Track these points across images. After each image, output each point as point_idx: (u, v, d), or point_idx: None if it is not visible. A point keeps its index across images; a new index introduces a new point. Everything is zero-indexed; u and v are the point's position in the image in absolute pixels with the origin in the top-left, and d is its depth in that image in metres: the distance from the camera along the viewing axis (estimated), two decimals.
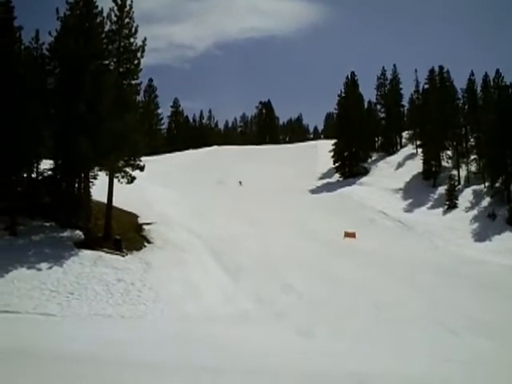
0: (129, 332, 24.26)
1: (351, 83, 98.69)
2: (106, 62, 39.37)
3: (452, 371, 18.49)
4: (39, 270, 31.42)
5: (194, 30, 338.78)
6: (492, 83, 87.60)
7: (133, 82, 40.69)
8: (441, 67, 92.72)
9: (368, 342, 24.61)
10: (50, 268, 31.85)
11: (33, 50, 41.00)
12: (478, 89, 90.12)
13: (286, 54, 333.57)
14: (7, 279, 29.64)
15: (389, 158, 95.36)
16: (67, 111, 35.93)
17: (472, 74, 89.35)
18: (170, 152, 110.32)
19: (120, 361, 15.74)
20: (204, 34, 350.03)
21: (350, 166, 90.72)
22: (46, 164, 42.21)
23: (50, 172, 41.73)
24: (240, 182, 74.44)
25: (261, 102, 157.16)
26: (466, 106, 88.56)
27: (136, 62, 39.99)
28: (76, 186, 42.25)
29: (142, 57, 40.14)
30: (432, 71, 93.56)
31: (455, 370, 18.78)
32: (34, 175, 42.52)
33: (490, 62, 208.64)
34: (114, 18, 39.60)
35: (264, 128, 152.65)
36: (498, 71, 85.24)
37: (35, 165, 42.43)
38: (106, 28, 39.37)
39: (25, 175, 41.70)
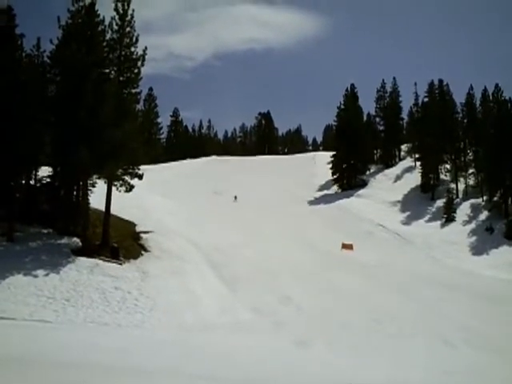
0: (125, 340, 24.18)
1: (351, 95, 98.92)
2: (107, 70, 39.40)
3: (449, 383, 18.44)
4: (36, 276, 31.32)
5: (193, 41, 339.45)
6: (491, 97, 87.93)
7: (133, 90, 40.77)
8: (440, 81, 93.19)
9: (366, 353, 24.57)
10: (47, 275, 31.76)
11: (34, 57, 41.14)
12: (477, 103, 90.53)
13: (285, 66, 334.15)
14: (3, 285, 29.55)
15: (387, 171, 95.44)
16: (67, 119, 35.93)
17: (471, 88, 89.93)
18: (169, 161, 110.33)
19: (116, 368, 15.66)
20: (203, 44, 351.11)
21: (349, 178, 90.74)
22: (45, 171, 42.23)
23: (48, 179, 41.75)
24: (235, 197, 73.17)
25: (260, 113, 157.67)
26: (465, 120, 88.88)
27: (136, 70, 40.10)
28: (74, 193, 42.21)
29: (143, 66, 40.27)
30: (431, 85, 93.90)
31: (452, 382, 18.73)
32: (32, 182, 42.54)
33: (490, 76, 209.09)
34: (116, 27, 39.74)
35: (263, 139, 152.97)
36: (497, 85, 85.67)
37: (34, 171, 42.47)
38: (108, 37, 39.45)
39: (23, 182, 41.69)
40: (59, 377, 13.43)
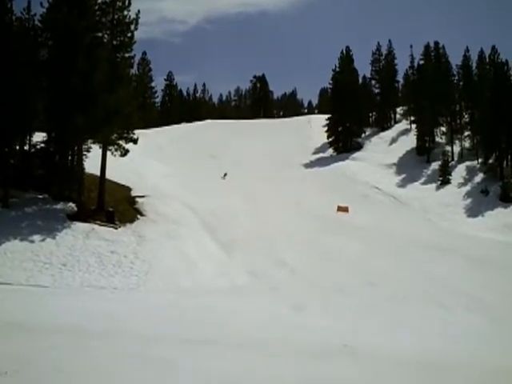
0: (121, 303, 24.31)
1: (346, 58, 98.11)
2: (100, 34, 38.96)
3: (443, 345, 18.62)
4: (32, 241, 31.40)
5: (185, 4, 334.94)
6: (488, 60, 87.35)
7: (126, 55, 40.39)
8: (436, 43, 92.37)
9: (361, 316, 24.76)
10: (43, 240, 31.84)
11: (25, 20, 40.47)
12: (474, 65, 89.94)
13: (279, 28, 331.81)
14: (0, 251, 29.63)
15: (383, 134, 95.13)
16: (60, 84, 35.63)
17: (467, 50, 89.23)
18: (163, 125, 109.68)
19: (112, 332, 15.77)
20: (194, 8, 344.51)
21: (344, 140, 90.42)
22: (39, 136, 41.98)
23: (42, 144, 41.49)
24: (225, 175, 66.16)
25: (255, 76, 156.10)
26: (461, 83, 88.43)
27: (129, 34, 39.65)
28: (69, 158, 42.07)
29: (136, 29, 39.84)
30: (427, 47, 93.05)
31: (446, 345, 18.91)
32: (27, 148, 42.30)
33: (487, 38, 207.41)
34: None
35: (258, 102, 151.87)
36: (493, 47, 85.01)
37: (28, 137, 42.21)
38: (100, 0, 38.93)
39: (18, 147, 41.47)
40: (56, 341, 13.51)
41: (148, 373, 10.97)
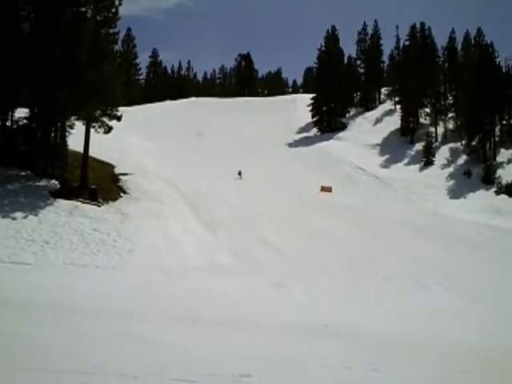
0: (104, 281, 24.30)
1: (331, 37, 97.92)
2: (83, 9, 38.42)
3: (423, 325, 18.82)
4: (14, 218, 31.19)
5: None
6: (473, 42, 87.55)
7: (110, 30, 39.93)
8: (422, 24, 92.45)
9: (343, 296, 24.97)
10: (25, 217, 31.64)
11: None
12: (459, 47, 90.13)
13: (263, 6, 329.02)
14: None
15: (367, 114, 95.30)
16: (43, 59, 35.19)
17: (453, 31, 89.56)
18: (148, 103, 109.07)
19: (93, 310, 15.77)
20: None
21: (329, 120, 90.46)
22: (22, 112, 41.54)
23: (25, 121, 41.07)
24: (240, 173, 56.44)
25: (240, 54, 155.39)
26: (446, 64, 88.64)
27: (114, 10, 39.13)
28: (52, 135, 41.70)
29: (120, 5, 39.27)
30: (413, 28, 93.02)
31: (424, 324, 19.11)
32: (9, 123, 41.86)
33: (472, 20, 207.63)
34: None
35: (243, 80, 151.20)
36: (479, 29, 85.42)
37: (10, 113, 41.75)
38: None
39: None
40: (37, 318, 13.50)
41: (127, 350, 10.99)
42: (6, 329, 11.77)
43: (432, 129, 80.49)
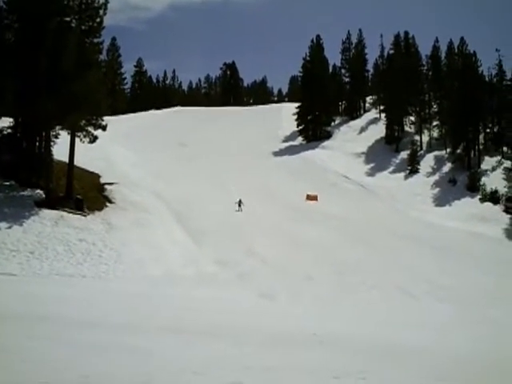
0: (90, 292, 24.16)
1: (316, 46, 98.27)
2: (68, 19, 38.34)
3: (408, 333, 18.84)
4: None
5: None
6: (456, 50, 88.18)
7: (95, 40, 39.92)
8: (406, 33, 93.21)
9: (329, 304, 24.97)
10: (10, 227, 31.43)
11: None
12: (443, 55, 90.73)
13: (247, 17, 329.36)
14: None
15: (352, 123, 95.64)
16: (27, 68, 35.03)
17: (437, 40, 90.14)
18: (133, 112, 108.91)
19: (80, 321, 15.68)
20: None
21: (314, 129, 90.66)
22: (6, 122, 41.32)
23: (9, 130, 40.84)
24: (240, 203, 47.51)
25: (225, 64, 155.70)
26: (430, 73, 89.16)
27: (98, 19, 39.13)
28: (37, 144, 41.49)
29: (105, 14, 39.30)
30: (397, 37, 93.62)
31: (412, 333, 19.14)
32: None
33: (456, 29, 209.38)
34: None
35: (228, 90, 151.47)
36: (462, 39, 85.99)
37: None
38: None
39: None
40: (23, 329, 13.39)
41: (115, 360, 10.91)
42: None
43: (417, 137, 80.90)
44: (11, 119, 41.18)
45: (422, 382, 11.11)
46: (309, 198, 54.51)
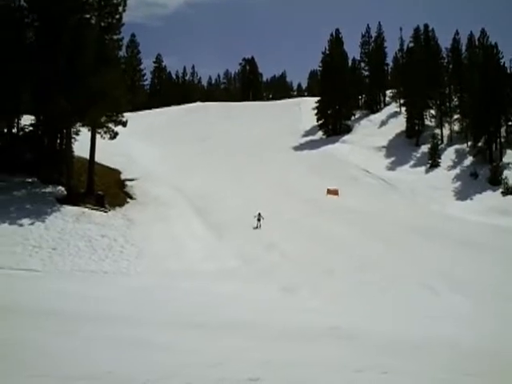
0: (111, 287, 24.33)
1: (335, 40, 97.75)
2: (87, 15, 38.55)
3: (429, 328, 18.75)
4: (21, 225, 31.29)
5: None
6: (477, 43, 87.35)
7: (114, 37, 40.17)
8: (426, 26, 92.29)
9: (349, 299, 24.87)
10: (32, 224, 31.73)
11: (9, 0, 39.76)
12: (463, 48, 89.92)
13: (266, 11, 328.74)
14: None
15: (372, 116, 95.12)
16: (47, 66, 35.28)
17: (457, 33, 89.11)
18: (153, 108, 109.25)
19: (102, 316, 15.78)
20: None
21: (334, 123, 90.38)
22: (27, 120, 41.70)
23: (31, 128, 41.24)
24: (259, 217, 40.88)
25: (244, 59, 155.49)
26: (451, 66, 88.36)
27: (117, 16, 39.39)
28: (58, 141, 41.86)
29: (124, 11, 39.61)
30: (417, 30, 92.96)
31: (433, 327, 19.04)
32: (15, 131, 42.01)
33: (476, 21, 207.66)
34: None
35: (247, 85, 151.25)
36: (483, 31, 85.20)
37: (16, 120, 41.90)
38: None
39: (5, 130, 41.17)
40: (44, 325, 13.51)
41: (136, 355, 10.96)
42: (16, 335, 11.79)
43: (438, 131, 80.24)
44: (32, 117, 41.56)
45: (444, 377, 11.04)
46: (330, 192, 54.33)
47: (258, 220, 39.72)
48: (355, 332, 16.26)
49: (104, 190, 38.92)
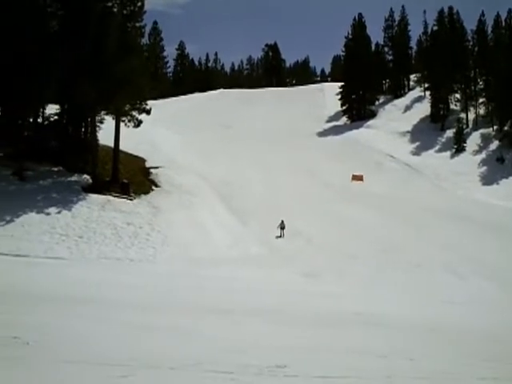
0: (138, 274, 24.54)
1: (358, 25, 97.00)
2: (110, 4, 38.64)
3: (455, 312, 18.72)
4: (48, 214, 31.63)
5: None
6: (504, 24, 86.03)
7: (137, 24, 40.22)
8: (450, 8, 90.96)
9: (374, 284, 24.89)
10: (59, 212, 32.05)
11: None
12: (489, 30, 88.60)
13: None
14: (17, 224, 29.87)
15: (396, 101, 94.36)
16: (71, 55, 35.47)
17: (483, 14, 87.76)
18: (176, 96, 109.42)
19: (130, 303, 15.94)
20: None
21: (358, 109, 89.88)
22: (52, 109, 42.00)
23: (56, 117, 41.55)
24: (282, 225, 36.53)
25: (267, 45, 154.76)
26: (476, 48, 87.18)
27: (139, 4, 39.44)
28: (83, 130, 42.16)
29: None
30: (441, 12, 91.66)
31: (458, 312, 19.01)
32: (40, 120, 42.35)
33: (503, 2, 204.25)
34: None
35: (270, 70, 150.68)
36: (510, 11, 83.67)
37: (41, 109, 42.23)
38: None
39: (31, 120, 41.52)
40: (78, 312, 13.68)
41: (163, 342, 11.09)
42: (46, 324, 11.96)
43: (463, 115, 79.39)
44: (57, 106, 41.85)
45: (469, 362, 11.02)
46: (354, 178, 54.18)
47: (282, 228, 36.13)
48: (380, 317, 16.29)
49: (129, 178, 39.14)
